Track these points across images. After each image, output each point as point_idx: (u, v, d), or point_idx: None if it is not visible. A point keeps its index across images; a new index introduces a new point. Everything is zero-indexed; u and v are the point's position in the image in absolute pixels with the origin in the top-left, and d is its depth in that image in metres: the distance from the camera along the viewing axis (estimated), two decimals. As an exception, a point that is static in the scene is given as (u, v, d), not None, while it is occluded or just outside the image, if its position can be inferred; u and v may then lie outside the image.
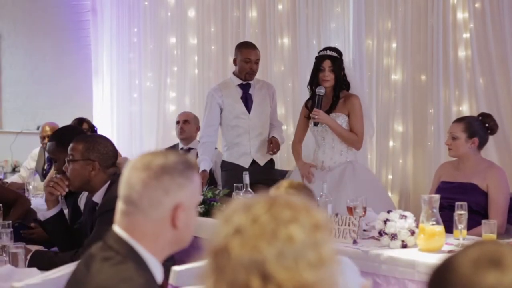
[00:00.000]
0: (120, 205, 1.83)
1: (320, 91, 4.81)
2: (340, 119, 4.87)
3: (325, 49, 4.94)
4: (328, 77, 4.81)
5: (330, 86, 4.85)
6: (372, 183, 4.92)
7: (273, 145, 5.30)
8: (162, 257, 1.83)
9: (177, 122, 6.29)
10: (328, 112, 4.87)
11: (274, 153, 5.35)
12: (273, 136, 5.34)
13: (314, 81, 4.88)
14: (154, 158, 1.82)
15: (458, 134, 4.23)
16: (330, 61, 4.80)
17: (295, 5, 6.22)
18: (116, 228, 1.81)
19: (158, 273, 1.81)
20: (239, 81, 5.39)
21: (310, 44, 6.12)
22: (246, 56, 5.32)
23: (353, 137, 4.86)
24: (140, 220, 1.79)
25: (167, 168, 1.79)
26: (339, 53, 4.89)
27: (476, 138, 4.22)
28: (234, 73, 5.45)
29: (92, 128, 6.16)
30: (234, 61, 5.44)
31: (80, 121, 6.17)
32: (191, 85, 7.08)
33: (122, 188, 1.83)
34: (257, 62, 5.35)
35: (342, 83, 4.87)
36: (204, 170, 5.18)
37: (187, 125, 6.18)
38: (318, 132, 4.95)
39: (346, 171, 4.85)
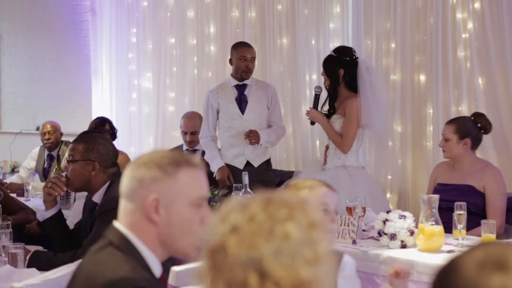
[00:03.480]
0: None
1: (317, 90, 4.90)
2: (340, 121, 4.87)
3: None
4: (324, 76, 4.93)
5: (328, 84, 4.92)
6: (369, 188, 4.81)
7: (251, 134, 5.27)
8: (160, 255, 1.82)
9: (184, 133, 6.00)
10: (331, 113, 4.90)
11: (251, 142, 5.30)
12: (255, 130, 5.30)
13: None
14: (147, 153, 1.85)
15: (449, 136, 4.23)
16: (323, 61, 4.96)
17: (294, 6, 6.22)
18: (116, 223, 1.83)
19: (155, 268, 1.81)
20: (236, 82, 5.42)
21: (309, 44, 6.13)
22: (242, 54, 5.34)
23: (337, 139, 4.85)
24: (131, 214, 1.81)
25: (148, 161, 1.81)
26: (337, 52, 4.92)
27: (468, 139, 4.20)
28: (231, 74, 5.48)
29: (113, 130, 5.99)
30: (230, 61, 5.46)
31: (102, 121, 6.00)
32: (190, 86, 7.07)
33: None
34: (252, 60, 5.38)
35: (335, 81, 4.87)
36: (223, 166, 5.29)
37: (195, 135, 5.86)
38: None
39: (339, 178, 4.77)
